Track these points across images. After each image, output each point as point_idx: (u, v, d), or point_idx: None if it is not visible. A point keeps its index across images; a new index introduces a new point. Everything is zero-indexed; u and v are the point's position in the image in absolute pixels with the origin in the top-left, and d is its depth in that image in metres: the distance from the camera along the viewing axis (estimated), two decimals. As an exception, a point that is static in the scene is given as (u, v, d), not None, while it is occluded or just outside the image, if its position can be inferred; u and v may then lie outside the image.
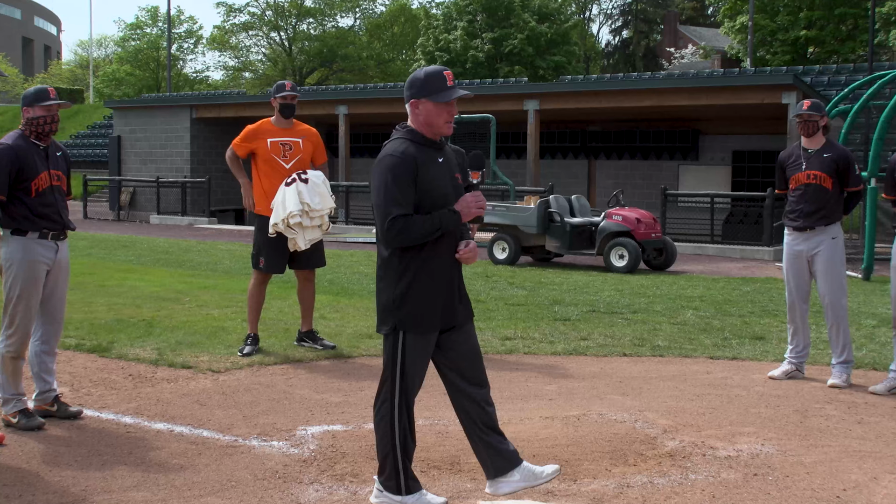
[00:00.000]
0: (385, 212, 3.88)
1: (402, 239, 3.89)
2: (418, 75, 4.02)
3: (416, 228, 3.87)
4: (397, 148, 3.96)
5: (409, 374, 4.04)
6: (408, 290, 3.98)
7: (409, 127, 4.05)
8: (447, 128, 4.02)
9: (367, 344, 8.21)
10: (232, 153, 7.80)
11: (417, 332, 4.00)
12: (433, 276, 4.00)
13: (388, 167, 3.91)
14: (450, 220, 3.94)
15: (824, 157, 7.00)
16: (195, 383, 6.70)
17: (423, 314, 4.00)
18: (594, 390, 6.70)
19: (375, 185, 3.93)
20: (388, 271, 4.03)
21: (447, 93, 3.97)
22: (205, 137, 28.64)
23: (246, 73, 67.01)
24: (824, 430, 5.71)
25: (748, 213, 20.63)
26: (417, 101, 4.00)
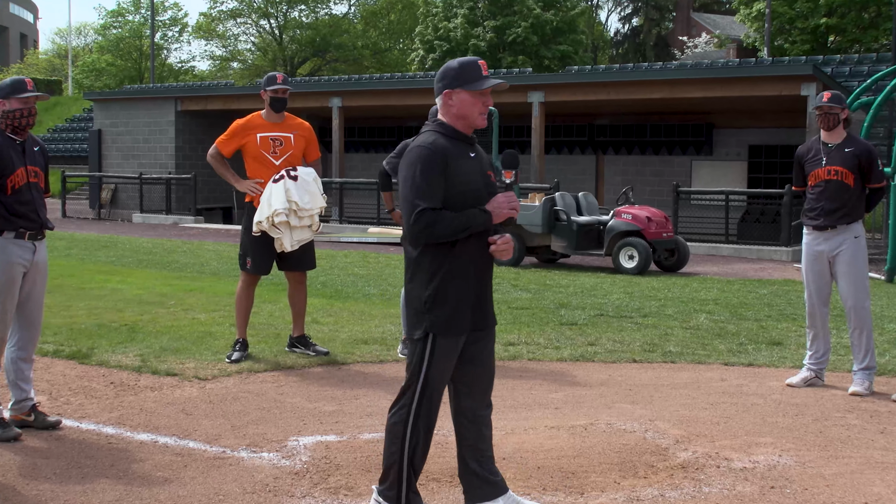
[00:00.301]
0: (412, 204, 3.88)
1: (429, 234, 3.88)
2: (452, 65, 4.04)
3: (443, 224, 3.87)
4: (426, 139, 3.98)
5: (435, 379, 4.03)
6: (438, 291, 3.97)
7: (439, 120, 4.07)
8: (481, 119, 4.04)
9: (363, 350, 8.22)
10: (216, 152, 7.75)
11: (448, 335, 4.00)
12: (465, 275, 4.01)
13: (416, 158, 3.92)
14: (480, 219, 3.95)
15: (846, 152, 7.01)
16: (180, 391, 6.71)
17: (455, 316, 4.00)
18: (602, 398, 6.71)
19: (402, 176, 3.95)
20: (417, 272, 4.03)
21: (482, 81, 4.00)
22: (190, 131, 28.64)
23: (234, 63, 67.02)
24: (845, 440, 5.72)
25: (765, 212, 20.64)
26: (451, 92, 4.01)
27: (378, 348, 8.31)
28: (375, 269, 14.79)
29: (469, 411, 4.21)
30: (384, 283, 12.79)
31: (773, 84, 19.90)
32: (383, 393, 6.77)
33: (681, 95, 21.27)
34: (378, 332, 9.05)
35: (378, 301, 11.17)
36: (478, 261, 4.05)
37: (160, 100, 29.02)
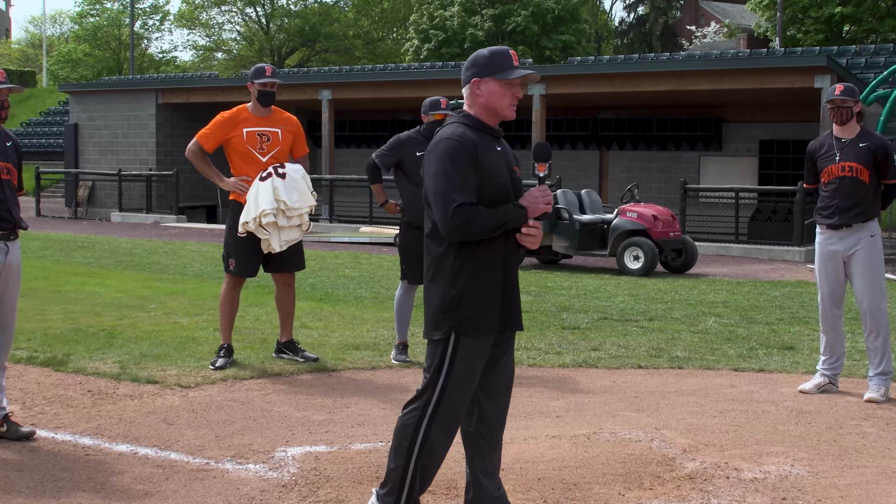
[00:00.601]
0: (447, 199, 3.86)
1: (467, 231, 3.88)
2: (482, 53, 4.06)
3: (481, 221, 3.88)
4: (454, 131, 3.98)
5: (458, 381, 4.00)
6: (466, 289, 3.97)
7: (464, 112, 4.08)
8: (510, 111, 4.06)
9: (354, 356, 8.22)
10: (197, 148, 7.72)
11: (475, 336, 3.99)
12: (492, 273, 4.01)
13: (446, 151, 3.92)
14: (515, 215, 3.97)
15: (860, 147, 7.03)
16: (162, 400, 6.71)
17: (483, 315, 4.00)
18: (606, 406, 6.72)
19: (432, 171, 3.94)
20: (441, 269, 4.01)
21: (512, 71, 4.02)
22: (172, 125, 28.61)
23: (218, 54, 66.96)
24: (860, 449, 5.74)
25: (777, 210, 20.67)
26: (480, 81, 4.03)
27: (370, 354, 8.32)
28: (368, 270, 14.80)
29: (488, 417, 4.20)
30: (377, 286, 12.80)
31: (785, 76, 19.93)
32: (375, 401, 6.78)
33: (689, 88, 21.28)
34: (370, 337, 9.06)
35: (370, 304, 11.18)
36: (505, 257, 4.06)
37: (140, 92, 29.00)
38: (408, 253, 7.95)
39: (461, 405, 4.05)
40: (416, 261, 7.94)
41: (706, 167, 25.40)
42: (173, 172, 26.50)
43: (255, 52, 62.08)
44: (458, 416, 4.06)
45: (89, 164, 29.53)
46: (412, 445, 4.03)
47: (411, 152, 7.87)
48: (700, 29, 61.28)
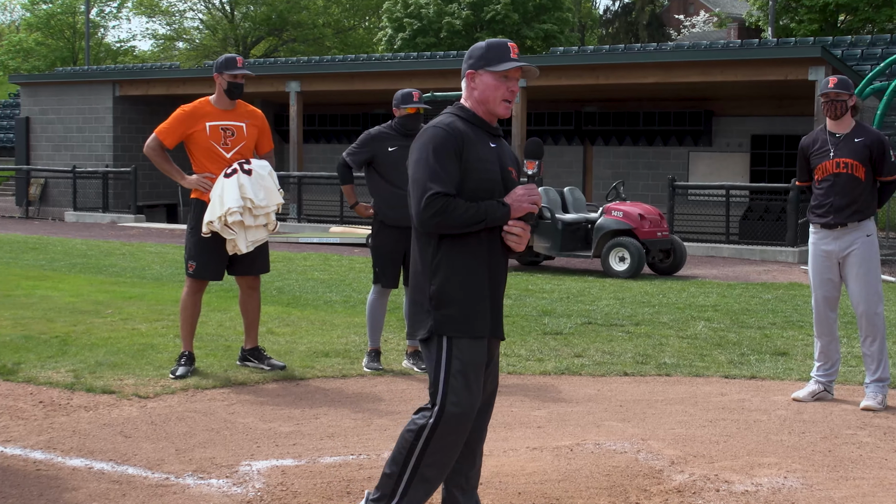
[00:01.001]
0: (423, 187, 3.93)
1: (439, 222, 3.92)
2: (479, 44, 4.15)
3: (456, 213, 3.91)
4: (443, 120, 4.06)
5: (458, 387, 3.97)
6: (444, 286, 4.00)
7: (461, 105, 4.16)
8: (503, 107, 4.11)
9: (323, 363, 8.21)
10: (156, 144, 7.68)
11: (464, 336, 4.00)
12: (472, 271, 4.03)
13: (430, 139, 3.99)
14: (497, 212, 3.98)
15: (855, 143, 7.07)
16: (118, 411, 6.67)
17: (467, 314, 4.01)
18: (590, 416, 6.74)
19: (414, 158, 4.02)
20: (421, 266, 4.07)
21: (508, 62, 4.07)
22: (130, 119, 28.48)
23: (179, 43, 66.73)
24: (856, 459, 5.77)
25: (769, 208, 20.79)
26: (474, 73, 4.11)
27: (340, 362, 8.31)
28: (338, 273, 14.78)
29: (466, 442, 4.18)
30: (348, 289, 12.79)
31: (778, 68, 20.05)
32: (346, 411, 6.77)
33: (677, 80, 21.38)
34: (340, 344, 9.05)
35: (341, 309, 11.16)
36: (491, 256, 4.07)
37: (96, 84, 28.85)
38: (381, 254, 7.94)
39: (466, 413, 4.01)
40: (389, 263, 7.93)
41: (695, 163, 25.52)
42: (131, 169, 26.38)
43: (218, 42, 61.88)
44: (463, 424, 4.01)
45: (42, 161, 29.35)
46: (410, 454, 4.01)
47: (383, 148, 7.87)
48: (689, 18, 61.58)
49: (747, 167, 24.85)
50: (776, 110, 24.21)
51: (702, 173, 25.15)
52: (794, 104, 23.10)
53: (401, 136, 7.91)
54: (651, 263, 15.42)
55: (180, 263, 15.41)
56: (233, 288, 10.51)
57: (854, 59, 26.48)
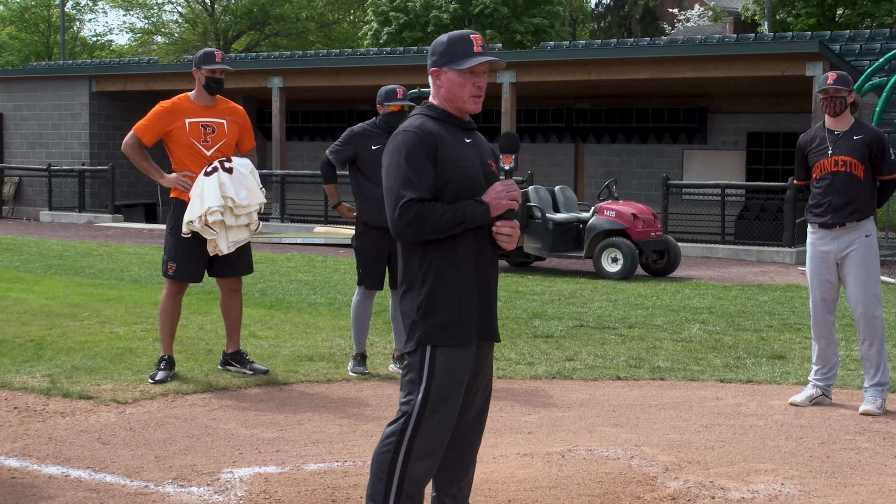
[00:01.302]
0: (397, 194, 3.90)
1: (416, 229, 3.89)
2: (440, 40, 4.09)
3: (433, 218, 3.88)
4: (413, 122, 4.02)
5: (438, 399, 3.95)
6: (432, 294, 3.97)
7: (430, 103, 4.11)
8: (472, 103, 4.07)
9: (307, 367, 8.21)
10: (134, 141, 7.68)
11: (450, 345, 3.97)
12: (465, 275, 4.00)
13: (402, 144, 3.95)
14: (475, 212, 3.94)
15: (854, 140, 7.10)
16: (96, 417, 6.66)
17: (456, 322, 3.98)
18: (582, 421, 6.75)
19: (386, 164, 3.98)
20: (409, 273, 4.03)
21: (472, 58, 4.02)
22: (107, 115, 28.42)
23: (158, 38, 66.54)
24: (855, 465, 5.80)
25: (766, 208, 20.83)
26: (439, 71, 4.06)
27: (325, 366, 8.31)
28: (323, 274, 14.77)
29: (461, 437, 4.16)
30: (332, 291, 12.78)
31: (774, 63, 20.10)
32: (331, 417, 6.77)
33: (671, 76, 21.41)
34: (325, 348, 9.04)
35: (325, 311, 11.16)
36: (479, 257, 4.04)
37: (72, 79, 28.77)
38: (365, 255, 7.95)
39: (444, 426, 3.99)
40: (374, 264, 7.94)
41: (690, 161, 25.57)
42: (108, 167, 26.31)
43: (198, 36, 61.71)
44: (441, 438, 3.99)
45: (15, 159, 29.25)
46: (391, 475, 3.95)
47: (366, 146, 7.87)
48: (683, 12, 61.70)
49: (743, 165, 24.90)
50: (773, 107, 24.28)
51: (696, 172, 25.20)
52: (791, 101, 23.16)
53: (385, 134, 7.91)
54: (644, 264, 15.44)
55: (159, 265, 15.35)
56: (214, 290, 10.50)
57: (853, 55, 26.56)
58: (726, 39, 31.24)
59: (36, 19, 62.41)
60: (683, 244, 18.34)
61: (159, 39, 66.48)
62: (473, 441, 4.24)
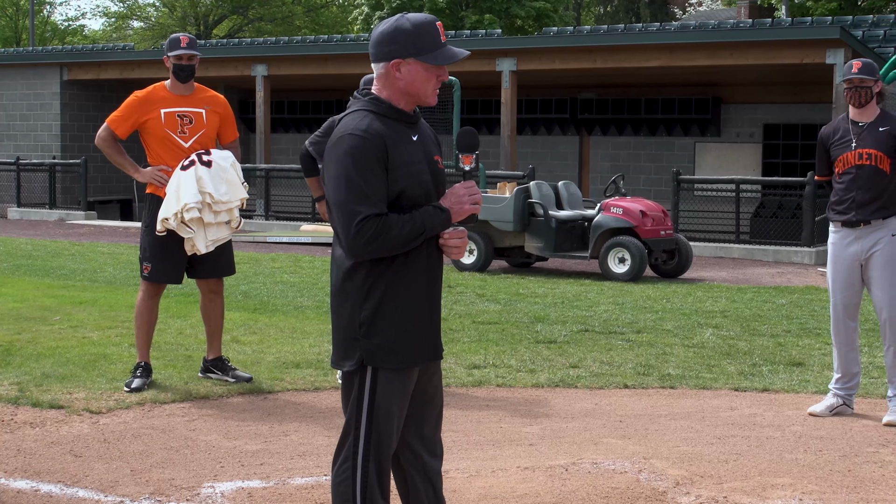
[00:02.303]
0: (350, 211, 3.71)
1: (377, 247, 3.73)
2: (403, 25, 3.83)
3: (394, 233, 3.72)
4: (358, 124, 3.79)
5: (383, 423, 3.87)
6: (378, 311, 3.83)
7: (372, 95, 3.90)
8: (434, 97, 3.89)
9: (293, 375, 8.21)
10: (107, 134, 7.69)
11: (394, 367, 3.85)
12: (412, 291, 3.87)
13: (349, 151, 3.74)
14: (436, 220, 3.81)
15: (880, 132, 7.09)
16: (68, 428, 6.66)
17: (401, 343, 3.85)
18: (587, 432, 6.75)
19: (332, 174, 3.78)
20: (348, 285, 3.86)
21: (444, 52, 3.85)
22: (80, 105, 28.39)
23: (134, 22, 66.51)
24: (878, 480, 5.81)
25: (783, 205, 20.85)
26: (401, 62, 3.83)
27: (313, 373, 8.31)
28: (310, 275, 14.77)
29: (421, 462, 4.09)
30: (320, 293, 12.78)
31: (792, 50, 20.10)
32: (318, 428, 6.77)
33: (682, 64, 21.42)
34: (313, 353, 9.04)
35: (313, 315, 11.16)
36: (427, 270, 3.91)
37: (42, 67, 28.73)
38: None
39: (388, 445, 3.92)
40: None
41: (703, 155, 25.59)
42: (81, 161, 26.28)
43: (176, 21, 61.66)
44: (386, 457, 3.93)
45: (-19, 152, 29.23)
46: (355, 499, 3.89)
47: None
48: (695, -5, 61.67)
49: (759, 159, 24.92)
50: (791, 97, 24.29)
51: (709, 166, 25.21)
52: (811, 90, 23.17)
53: None
54: (654, 265, 15.44)
55: (136, 265, 15.36)
56: (193, 292, 10.48)
57: (876, 41, 26.56)
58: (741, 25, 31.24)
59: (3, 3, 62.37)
60: (695, 243, 18.36)
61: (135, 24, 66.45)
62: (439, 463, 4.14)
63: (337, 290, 3.90)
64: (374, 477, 3.90)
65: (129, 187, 27.83)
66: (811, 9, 39.99)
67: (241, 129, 26.60)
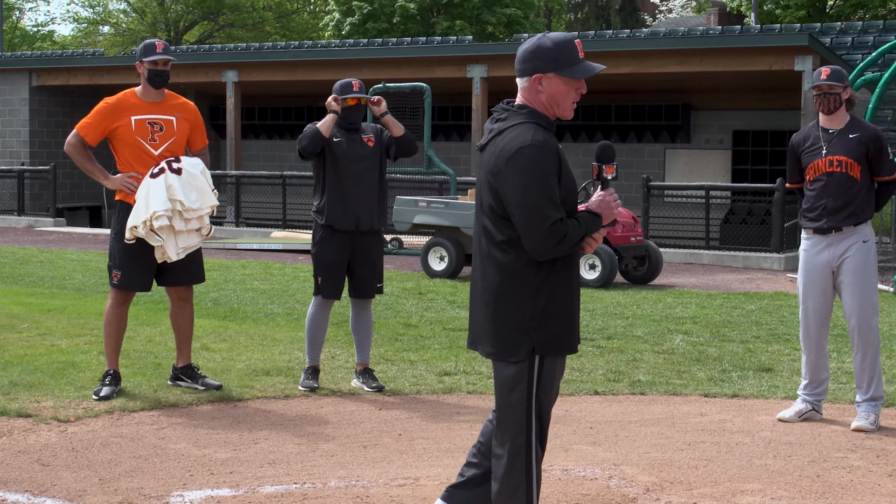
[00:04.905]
0: (543, 216, 4.10)
1: (562, 248, 4.15)
2: (545, 43, 4.22)
3: (571, 234, 4.15)
4: (535, 137, 4.16)
5: (545, 408, 4.34)
6: (549, 306, 4.23)
7: (528, 108, 4.27)
8: (571, 110, 4.29)
9: (263, 383, 8.18)
10: (77, 140, 7.66)
11: (558, 355, 4.32)
12: (571, 287, 4.31)
13: (535, 160, 4.12)
14: (593, 224, 4.26)
15: (850, 139, 7.13)
16: (35, 437, 6.62)
17: (566, 333, 4.31)
18: (557, 439, 6.76)
19: (518, 183, 4.13)
20: (516, 284, 4.23)
21: (583, 67, 4.23)
22: (49, 111, 28.26)
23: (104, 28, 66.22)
24: (847, 485, 5.83)
25: (753, 211, 20.95)
26: (542, 77, 4.21)
27: (283, 380, 8.28)
28: (280, 282, 14.73)
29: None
30: (291, 300, 12.75)
31: (761, 57, 20.23)
32: (289, 436, 6.75)
33: (652, 70, 21.51)
34: (283, 361, 9.02)
35: (283, 322, 11.13)
36: (576, 268, 4.38)
37: (11, 72, 28.59)
38: (325, 263, 7.94)
39: (547, 428, 4.43)
40: (333, 272, 7.92)
41: (672, 161, 25.70)
42: (50, 167, 26.15)
43: (147, 27, 61.42)
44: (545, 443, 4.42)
45: (-51, 158, 29.03)
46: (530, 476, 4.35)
47: (328, 139, 7.89)
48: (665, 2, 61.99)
49: (729, 165, 25.05)
50: (760, 103, 24.43)
51: (679, 172, 25.33)
52: (780, 97, 23.31)
53: (341, 130, 7.97)
54: (624, 271, 15.49)
55: (105, 272, 15.23)
56: (163, 299, 10.44)
57: (844, 48, 26.75)
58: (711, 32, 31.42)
59: (-29, 8, 61.95)
60: (665, 250, 18.41)
61: (105, 30, 66.18)
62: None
63: (499, 289, 4.26)
64: (538, 453, 4.37)
65: (98, 194, 27.71)
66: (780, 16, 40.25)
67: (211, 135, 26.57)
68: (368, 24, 48.04)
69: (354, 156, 7.96)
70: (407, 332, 10.58)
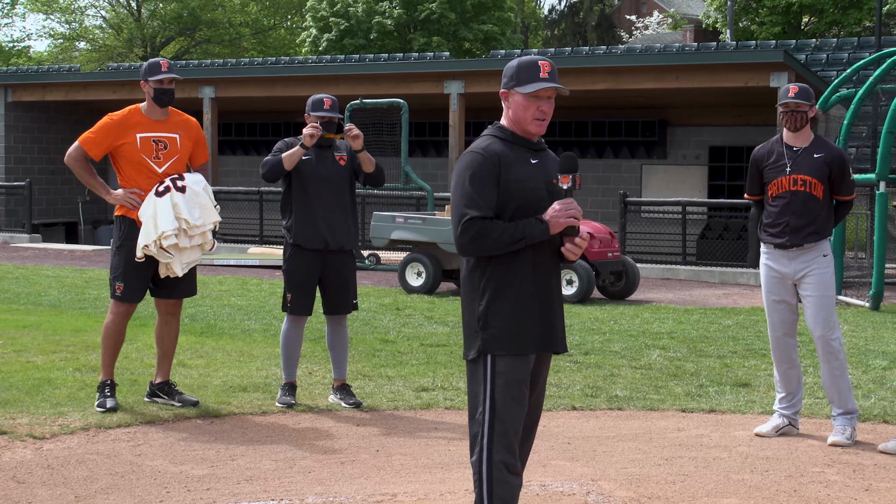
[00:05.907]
0: (459, 213, 4.39)
1: (477, 245, 4.38)
2: (511, 63, 4.58)
3: (493, 235, 4.36)
4: (480, 144, 4.53)
5: (500, 407, 4.41)
6: (492, 304, 4.44)
7: (500, 124, 4.61)
8: (536, 126, 4.53)
9: (241, 398, 8.16)
10: (79, 154, 7.67)
11: (508, 354, 4.42)
12: (518, 289, 4.44)
13: (467, 164, 4.46)
14: (535, 230, 4.39)
15: (815, 159, 7.21)
16: (11, 454, 6.58)
17: (513, 331, 4.44)
18: (534, 455, 6.75)
19: (453, 183, 4.50)
20: (469, 285, 4.52)
21: (536, 83, 4.49)
22: (25, 127, 28.09)
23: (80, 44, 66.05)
24: (824, 500, 5.86)
25: (729, 226, 21.04)
26: (507, 93, 4.57)
27: (260, 396, 8.26)
28: (258, 298, 14.70)
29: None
30: (268, 316, 12.72)
31: (737, 73, 20.33)
32: (266, 452, 6.73)
33: (628, 86, 21.59)
34: (260, 377, 9.00)
35: (260, 338, 11.10)
36: (539, 268, 4.49)
37: (-15, 88, 28.46)
38: (295, 281, 7.94)
39: (515, 434, 4.44)
40: (303, 289, 7.93)
41: (649, 177, 25.78)
42: (26, 183, 26.00)
43: (123, 43, 61.33)
44: (513, 438, 4.44)
45: (-77, 174, 28.86)
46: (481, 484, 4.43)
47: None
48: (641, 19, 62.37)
49: (705, 181, 25.13)
50: (736, 119, 24.55)
51: (656, 188, 25.40)
52: (755, 113, 23.42)
53: (313, 147, 7.95)
54: (601, 287, 15.52)
55: (81, 288, 15.24)
56: (139, 315, 10.42)
57: (819, 65, 26.96)
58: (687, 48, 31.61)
59: (-54, 23, 61.73)
60: (642, 265, 18.48)
61: (82, 46, 65.99)
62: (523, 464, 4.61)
63: (462, 290, 4.58)
64: (501, 456, 4.42)
65: (73, 209, 27.56)
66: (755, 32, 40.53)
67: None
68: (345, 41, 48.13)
69: (325, 174, 7.95)
70: (384, 347, 10.57)
